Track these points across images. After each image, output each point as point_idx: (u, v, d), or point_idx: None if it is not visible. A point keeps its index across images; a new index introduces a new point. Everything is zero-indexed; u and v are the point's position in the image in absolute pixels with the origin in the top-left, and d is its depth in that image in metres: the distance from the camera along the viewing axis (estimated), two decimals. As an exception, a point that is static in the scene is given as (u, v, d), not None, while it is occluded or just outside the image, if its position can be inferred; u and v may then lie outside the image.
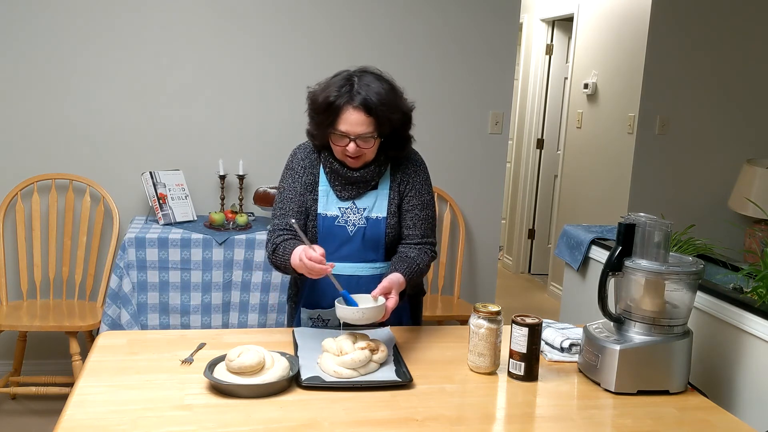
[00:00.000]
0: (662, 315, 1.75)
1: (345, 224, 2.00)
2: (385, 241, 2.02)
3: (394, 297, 1.83)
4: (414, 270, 1.96)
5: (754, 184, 4.15)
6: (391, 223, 2.02)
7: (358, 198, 2.02)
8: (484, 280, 3.94)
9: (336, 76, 1.95)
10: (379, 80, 1.93)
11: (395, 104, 1.93)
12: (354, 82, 1.90)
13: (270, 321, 3.16)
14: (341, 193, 2.01)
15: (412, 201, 2.05)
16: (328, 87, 1.92)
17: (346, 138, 1.90)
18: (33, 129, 3.36)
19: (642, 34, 4.35)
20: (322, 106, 1.90)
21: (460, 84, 3.72)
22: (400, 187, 2.05)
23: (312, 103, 1.96)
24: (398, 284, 1.86)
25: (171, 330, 2.96)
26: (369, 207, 2.01)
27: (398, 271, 1.91)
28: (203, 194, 3.53)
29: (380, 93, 1.89)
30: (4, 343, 3.42)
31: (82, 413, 1.48)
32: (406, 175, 2.06)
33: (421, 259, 2.00)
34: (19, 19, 3.26)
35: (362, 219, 2.00)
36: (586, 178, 5.03)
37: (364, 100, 1.87)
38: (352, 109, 1.88)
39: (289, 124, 3.49)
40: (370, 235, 2.00)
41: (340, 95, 1.88)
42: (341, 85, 1.90)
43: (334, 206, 2.01)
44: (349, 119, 1.88)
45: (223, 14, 3.44)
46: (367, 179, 2.00)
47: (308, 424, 1.47)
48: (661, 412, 1.63)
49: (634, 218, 1.79)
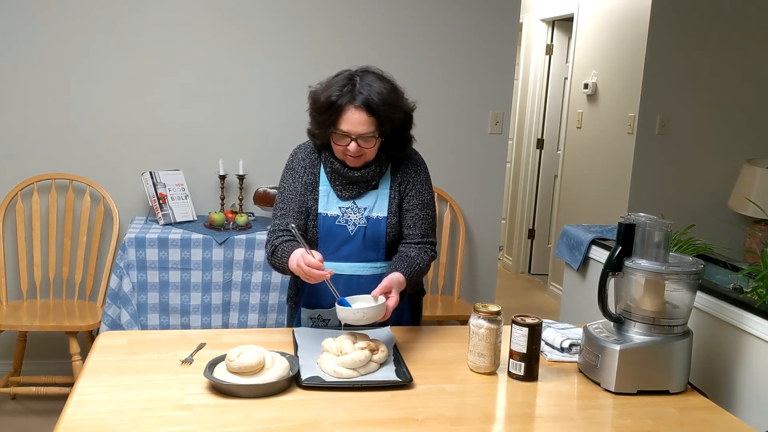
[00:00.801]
0: (662, 315, 1.75)
1: (346, 224, 2.00)
2: (386, 240, 2.02)
3: (395, 296, 1.83)
4: (414, 269, 1.96)
5: (754, 184, 4.15)
6: (391, 222, 2.02)
7: (358, 198, 2.02)
8: (484, 280, 3.94)
9: (337, 75, 1.96)
10: (380, 80, 1.93)
11: (397, 104, 1.94)
12: (356, 81, 1.90)
13: (270, 321, 3.16)
14: (342, 192, 2.01)
15: (412, 201, 2.05)
16: (330, 86, 1.92)
17: (347, 137, 1.91)
18: (33, 129, 3.36)
19: (642, 34, 4.35)
20: (324, 105, 1.91)
21: (460, 84, 3.72)
22: (401, 187, 2.05)
23: (314, 102, 1.96)
24: (398, 283, 1.87)
25: (171, 330, 2.97)
26: (369, 207, 2.01)
27: (398, 271, 1.91)
28: (203, 194, 3.53)
29: (382, 93, 1.90)
30: (4, 343, 3.42)
31: (82, 413, 1.48)
32: (406, 174, 2.06)
33: (422, 259, 2.00)
34: (19, 19, 3.26)
35: (363, 218, 2.00)
36: (586, 178, 5.03)
37: (366, 99, 1.88)
38: (353, 108, 1.88)
39: (289, 124, 3.49)
40: (371, 234, 2.00)
41: (342, 95, 1.88)
42: (343, 84, 1.90)
43: (335, 206, 2.01)
44: (350, 119, 1.88)
45: (223, 14, 3.44)
46: (368, 179, 2.00)
47: (308, 424, 1.47)
48: (661, 412, 1.63)
49: (634, 218, 1.79)
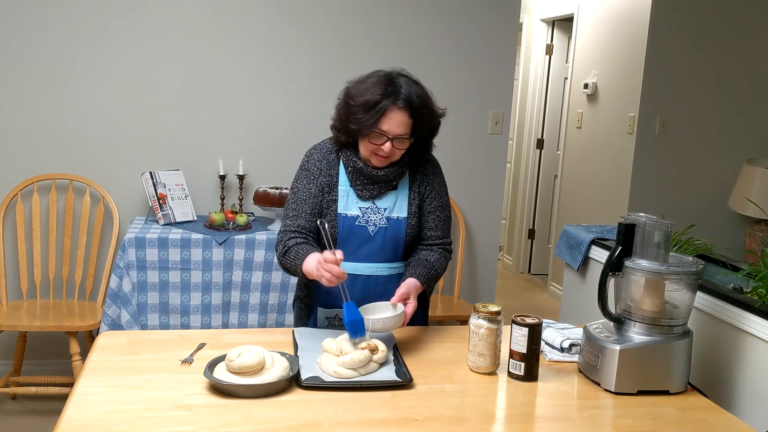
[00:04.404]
0: (662, 315, 1.75)
1: (366, 224, 2.00)
2: (405, 241, 2.03)
3: (413, 302, 1.88)
4: (431, 275, 2.01)
5: (754, 184, 4.15)
6: (411, 223, 2.04)
7: (378, 198, 2.02)
8: (484, 280, 3.94)
9: (372, 75, 1.95)
10: (416, 84, 1.96)
11: (433, 108, 1.97)
12: (398, 83, 1.91)
13: (270, 321, 3.16)
14: (362, 192, 2.02)
15: (433, 202, 2.08)
16: (372, 86, 1.91)
17: (383, 137, 1.91)
18: (33, 129, 3.36)
19: (642, 34, 4.35)
20: (367, 104, 1.90)
21: (460, 84, 3.72)
22: (420, 188, 2.07)
23: (351, 100, 1.94)
24: (416, 289, 1.92)
25: (171, 330, 2.97)
26: (390, 207, 2.02)
27: (415, 276, 1.95)
28: (203, 194, 3.53)
29: (421, 96, 1.93)
30: (4, 343, 3.42)
31: (81, 413, 1.47)
32: (425, 176, 2.08)
33: (440, 264, 2.05)
34: (19, 19, 3.27)
35: (383, 219, 2.01)
36: (586, 178, 5.03)
37: (409, 102, 1.90)
38: (397, 109, 1.89)
39: (290, 124, 3.49)
40: (391, 235, 2.01)
41: (386, 95, 1.89)
42: (386, 85, 1.90)
43: (354, 206, 2.01)
44: (392, 119, 1.89)
45: (223, 14, 3.44)
46: (390, 179, 2.02)
47: (308, 424, 1.47)
48: (661, 412, 1.63)
49: (634, 218, 1.79)
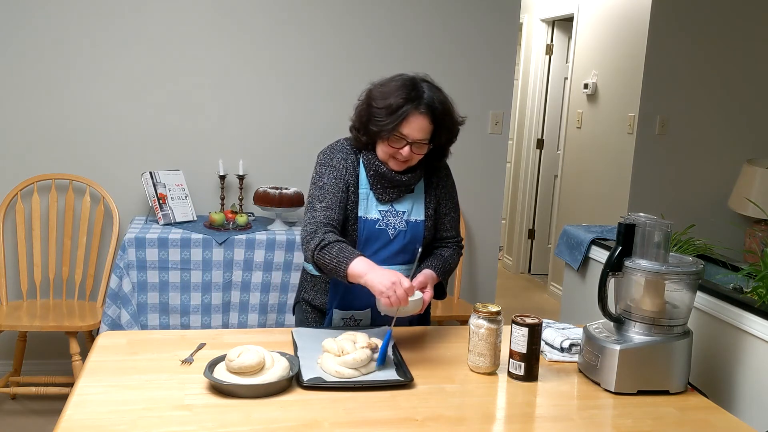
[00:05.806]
0: (662, 315, 1.75)
1: (386, 227, 2.02)
2: (422, 243, 2.04)
3: (430, 291, 1.93)
4: (446, 268, 2.07)
5: (754, 184, 4.15)
6: (428, 225, 2.06)
7: (396, 201, 2.04)
8: (484, 280, 3.94)
9: (395, 79, 1.95)
10: (439, 90, 1.96)
11: (453, 116, 1.99)
12: (422, 88, 1.92)
13: (270, 321, 3.16)
14: (382, 195, 2.02)
15: (448, 205, 2.12)
16: (395, 90, 1.91)
17: (403, 141, 1.92)
18: (33, 129, 3.36)
19: (642, 34, 4.35)
20: (390, 108, 1.89)
21: (460, 84, 3.71)
22: (436, 191, 2.09)
23: (374, 102, 1.94)
24: (432, 279, 1.98)
25: (171, 330, 2.97)
26: (408, 210, 2.04)
27: (431, 268, 2.01)
28: (203, 194, 3.53)
29: (444, 102, 1.94)
30: (4, 343, 3.42)
31: (81, 413, 1.47)
32: (440, 180, 2.11)
33: (453, 259, 2.11)
34: (18, 19, 3.27)
35: (402, 222, 2.03)
36: (586, 178, 5.03)
37: (432, 107, 1.91)
38: (419, 114, 1.90)
39: (290, 124, 3.48)
40: (410, 237, 2.03)
41: (409, 99, 1.89)
42: (410, 89, 1.90)
43: (374, 209, 2.02)
44: (413, 124, 1.90)
45: (224, 14, 3.44)
46: (410, 183, 2.03)
47: (308, 424, 1.47)
48: (661, 412, 1.63)
49: (634, 218, 1.79)
